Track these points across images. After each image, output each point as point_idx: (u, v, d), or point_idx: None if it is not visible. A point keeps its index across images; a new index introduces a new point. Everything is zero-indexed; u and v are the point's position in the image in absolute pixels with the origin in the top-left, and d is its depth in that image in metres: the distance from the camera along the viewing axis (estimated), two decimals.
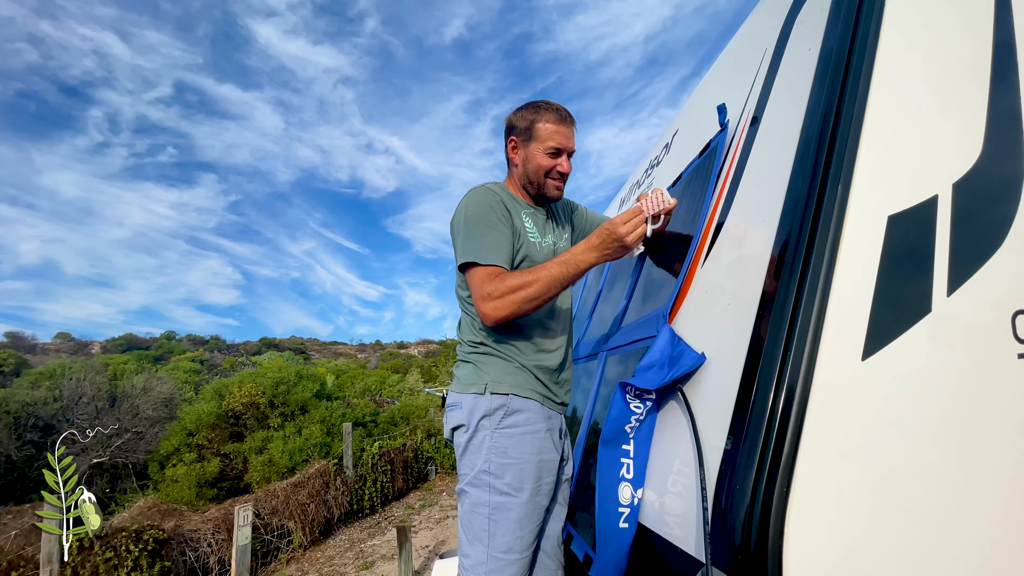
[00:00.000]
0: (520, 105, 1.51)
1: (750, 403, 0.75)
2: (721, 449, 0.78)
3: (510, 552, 1.22)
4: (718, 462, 0.78)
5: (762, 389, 0.74)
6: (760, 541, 0.65)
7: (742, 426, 0.75)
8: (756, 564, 0.65)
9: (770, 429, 0.70)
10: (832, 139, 0.87)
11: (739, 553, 0.66)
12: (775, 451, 0.69)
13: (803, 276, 0.78)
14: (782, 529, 0.66)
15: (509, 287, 1.25)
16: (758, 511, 0.66)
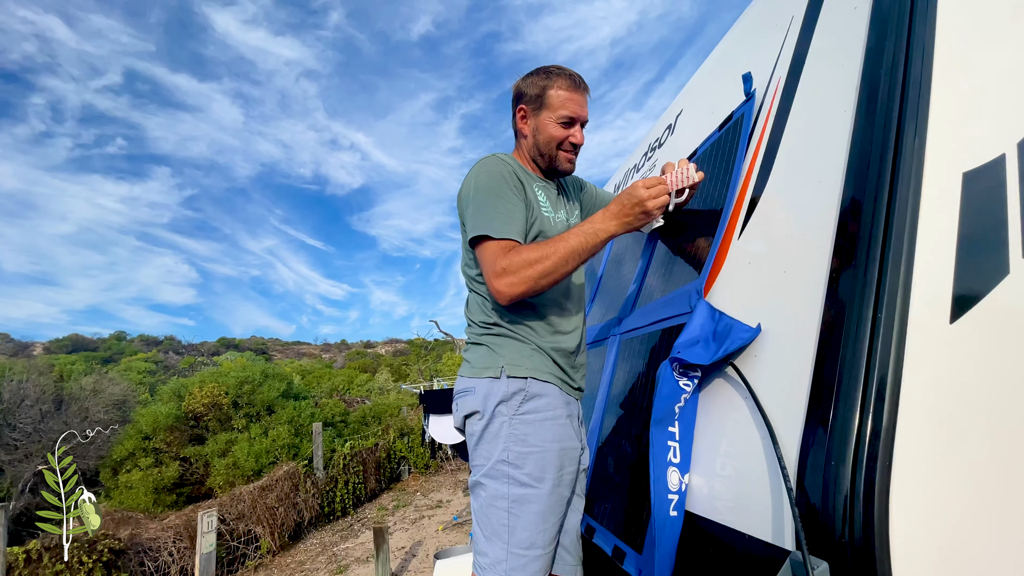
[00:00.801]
0: (529, 71, 1.42)
1: (836, 377, 0.68)
2: (800, 428, 0.71)
3: (532, 548, 1.12)
4: (797, 442, 0.71)
5: (850, 361, 0.67)
6: (866, 523, 0.58)
7: (828, 402, 0.68)
8: (862, 548, 0.58)
9: (865, 403, 0.64)
10: (903, 95, 0.82)
11: (842, 537, 0.59)
12: (873, 426, 0.62)
13: (885, 238, 0.71)
14: (887, 509, 0.59)
15: (525, 261, 1.15)
16: (861, 491, 0.59)
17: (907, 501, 0.60)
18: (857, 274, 0.72)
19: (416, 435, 9.84)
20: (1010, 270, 0.74)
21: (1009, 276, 0.74)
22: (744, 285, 1.01)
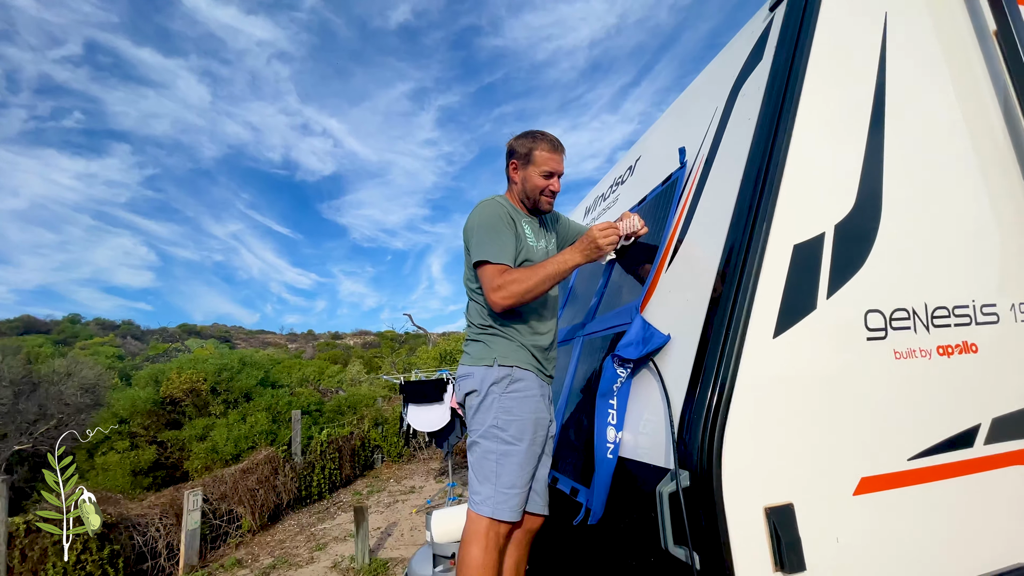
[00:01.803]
0: (520, 133, 1.85)
1: (702, 368, 1.13)
2: (681, 400, 1.16)
3: (513, 488, 1.56)
4: (679, 409, 1.16)
5: (711, 358, 1.13)
6: (709, 452, 1.03)
7: (696, 384, 1.13)
8: (707, 463, 1.03)
9: (715, 384, 1.09)
10: (762, 189, 1.28)
11: (699, 461, 1.05)
12: (720, 399, 1.08)
13: (740, 282, 1.17)
14: (722, 445, 1.04)
15: (514, 280, 1.59)
16: (710, 434, 1.05)
17: (733, 441, 1.06)
18: (722, 303, 1.18)
19: (390, 425, 10.17)
20: (817, 307, 1.21)
21: (816, 310, 1.21)
22: (666, 306, 1.46)
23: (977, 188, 1.47)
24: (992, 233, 1.45)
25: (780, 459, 1.09)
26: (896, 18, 1.54)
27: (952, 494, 1.21)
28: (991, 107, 1.59)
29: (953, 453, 1.24)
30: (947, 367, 1.29)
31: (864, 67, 1.46)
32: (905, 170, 1.39)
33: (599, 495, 1.33)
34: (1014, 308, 1.41)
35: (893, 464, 1.17)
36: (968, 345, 1.32)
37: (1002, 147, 1.55)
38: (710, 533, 1.01)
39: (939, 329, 1.30)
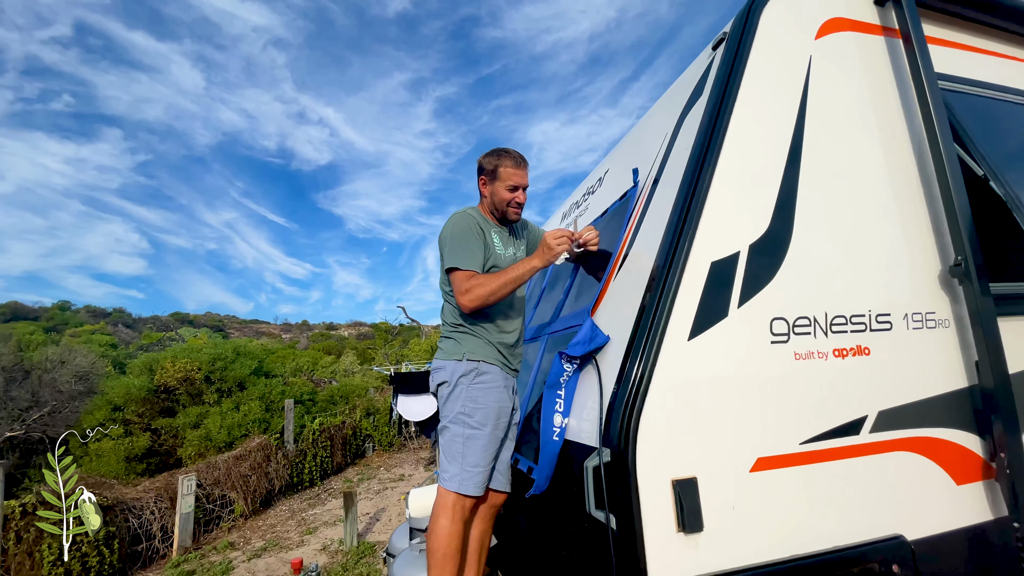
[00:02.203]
0: (488, 151, 2.06)
1: (627, 365, 1.36)
2: (611, 391, 1.39)
3: (477, 466, 1.79)
4: (609, 398, 1.39)
5: (633, 355, 1.35)
6: (625, 435, 1.26)
7: (622, 378, 1.36)
8: (624, 442, 1.26)
9: (637, 378, 1.32)
10: (688, 210, 1.50)
11: (618, 440, 1.27)
12: (638, 390, 1.30)
13: (663, 292, 1.40)
14: (638, 428, 1.27)
15: (480, 284, 1.81)
16: (627, 421, 1.27)
17: (648, 425, 1.28)
18: (647, 309, 1.40)
19: (382, 415, 10.41)
20: (728, 314, 1.44)
21: (727, 318, 1.43)
22: (610, 311, 1.69)
23: (881, 216, 1.70)
24: (892, 255, 1.68)
25: (688, 441, 1.32)
26: (819, 62, 1.76)
27: (839, 473, 1.45)
28: (903, 145, 1.82)
29: (841, 439, 1.47)
30: (841, 367, 1.52)
31: (786, 107, 1.68)
32: (816, 198, 1.62)
33: (543, 471, 1.56)
34: (906, 317, 1.64)
35: (786, 447, 1.40)
36: (862, 348, 1.56)
37: (910, 181, 1.78)
38: (624, 500, 1.24)
39: (836, 335, 1.54)
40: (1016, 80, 2.16)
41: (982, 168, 1.87)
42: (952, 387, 1.65)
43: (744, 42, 1.72)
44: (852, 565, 1.39)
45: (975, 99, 2.01)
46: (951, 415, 1.63)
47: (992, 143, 1.93)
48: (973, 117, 1.96)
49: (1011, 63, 2.20)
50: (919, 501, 1.53)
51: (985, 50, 2.16)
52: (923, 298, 1.69)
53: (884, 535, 1.46)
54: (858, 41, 1.89)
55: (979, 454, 1.63)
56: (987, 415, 1.63)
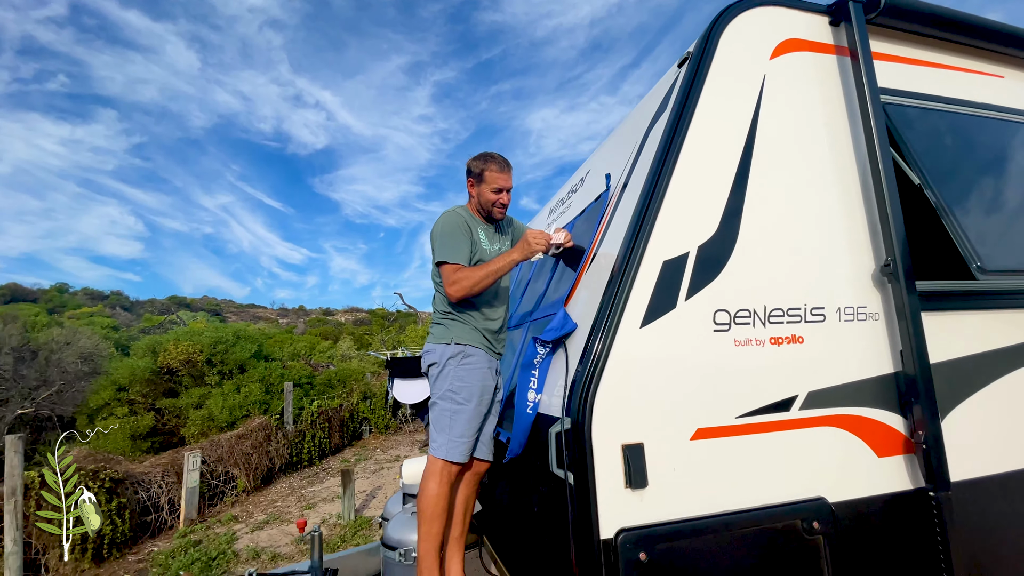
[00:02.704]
0: (475, 155, 2.26)
1: (588, 348, 1.59)
2: (574, 370, 1.62)
3: (462, 437, 2.02)
4: (571, 376, 1.62)
5: (593, 339, 1.58)
6: (583, 406, 1.50)
7: (584, 360, 1.59)
8: (581, 412, 1.49)
9: (595, 359, 1.55)
10: (646, 214, 1.72)
11: (577, 411, 1.51)
12: (596, 369, 1.53)
13: (620, 284, 1.62)
14: (594, 401, 1.50)
15: (465, 276, 2.03)
16: (585, 395, 1.51)
17: (602, 399, 1.52)
18: (606, 300, 1.63)
19: (378, 399, 10.69)
20: (676, 306, 1.66)
21: (675, 309, 1.66)
22: (580, 302, 1.91)
23: (822, 220, 1.92)
24: (829, 255, 1.90)
25: (637, 412, 1.55)
26: (772, 81, 1.97)
27: (769, 443, 1.69)
28: (847, 155, 2.03)
29: (773, 415, 1.71)
30: (777, 353, 1.75)
31: (738, 123, 1.89)
32: (761, 205, 1.83)
33: (517, 438, 1.80)
34: (839, 311, 1.87)
35: (723, 420, 1.64)
36: (796, 337, 1.79)
37: (850, 189, 2.00)
38: (581, 461, 1.48)
39: (774, 324, 1.77)
40: (962, 91, 2.36)
41: (918, 177, 2.09)
42: (878, 372, 1.88)
43: (703, 62, 1.92)
44: (777, 521, 1.64)
45: (917, 111, 2.21)
46: (876, 397, 1.86)
47: (929, 152, 2.14)
48: (914, 128, 2.17)
49: (959, 74, 2.40)
50: (842, 469, 1.77)
51: (933, 63, 2.36)
52: (856, 294, 1.91)
53: (808, 497, 1.70)
54: (812, 60, 2.09)
55: (900, 431, 1.87)
56: (909, 398, 1.86)
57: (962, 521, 1.77)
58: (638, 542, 1.45)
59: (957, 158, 2.21)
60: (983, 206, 2.12)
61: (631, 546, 1.44)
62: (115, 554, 5.12)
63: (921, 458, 1.82)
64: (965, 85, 2.37)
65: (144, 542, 5.52)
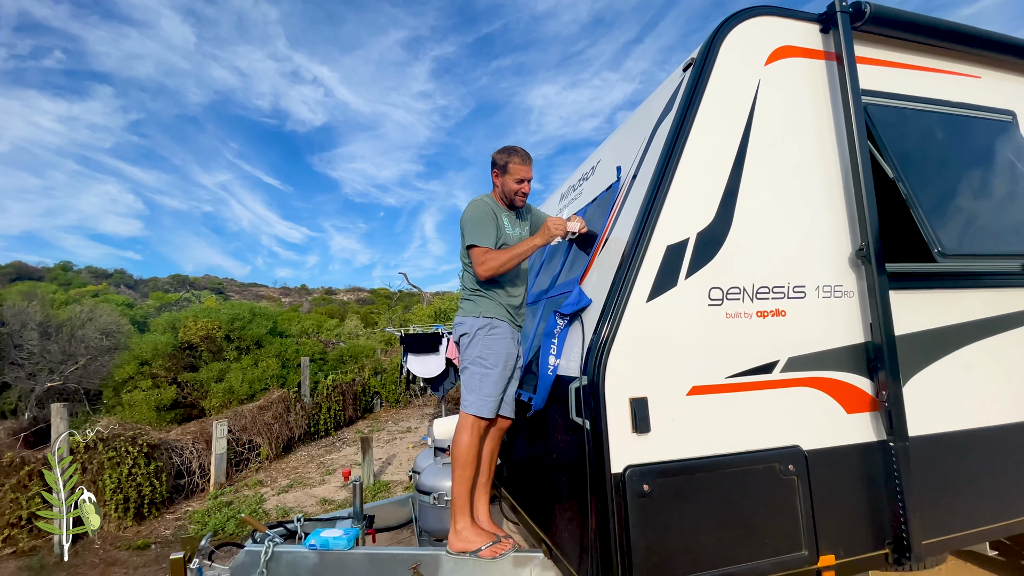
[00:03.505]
0: (500, 148, 2.52)
1: (602, 319, 1.89)
2: (589, 337, 1.93)
3: (489, 396, 2.34)
4: (589, 341, 1.92)
5: (606, 312, 1.88)
6: (598, 366, 1.80)
7: (598, 329, 1.89)
8: (596, 372, 1.80)
9: (608, 328, 1.85)
10: (653, 204, 2.00)
11: (592, 370, 1.82)
12: (608, 337, 1.84)
13: (630, 265, 1.91)
14: (607, 362, 1.81)
15: (492, 258, 2.32)
16: (600, 357, 1.81)
17: (614, 361, 1.82)
18: (617, 279, 1.92)
19: (389, 374, 11.09)
20: (677, 284, 1.96)
21: (676, 286, 1.95)
22: (594, 281, 2.21)
23: (806, 210, 2.20)
24: (811, 241, 2.19)
25: (642, 372, 1.86)
26: (766, 85, 2.23)
27: (753, 399, 2.00)
28: (831, 152, 2.29)
29: (758, 376, 2.02)
30: (762, 324, 2.05)
31: (735, 123, 2.15)
32: (753, 196, 2.11)
33: (541, 395, 2.12)
34: (818, 288, 2.16)
35: (715, 379, 1.95)
36: (779, 311, 2.09)
37: (832, 182, 2.27)
38: (595, 410, 1.80)
39: (760, 300, 2.06)
40: (940, 91, 2.60)
41: (893, 171, 2.35)
42: (850, 342, 2.18)
43: (705, 68, 2.18)
44: (759, 463, 1.96)
45: (896, 111, 2.47)
46: (847, 362, 2.16)
47: (903, 148, 2.40)
48: (891, 126, 2.42)
49: (938, 76, 2.64)
50: (815, 423, 2.08)
51: (914, 66, 2.60)
52: (833, 274, 2.20)
53: (786, 444, 2.02)
54: (802, 65, 2.34)
55: (867, 392, 2.18)
56: (876, 364, 2.16)
57: (917, 469, 2.09)
58: (642, 476, 1.78)
59: (927, 153, 2.47)
60: (946, 196, 2.39)
61: (636, 479, 1.77)
62: (154, 513, 5.54)
63: (884, 415, 2.13)
64: (943, 85, 2.62)
65: (179, 503, 5.95)
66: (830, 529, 2.00)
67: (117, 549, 4.80)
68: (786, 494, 1.97)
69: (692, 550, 1.83)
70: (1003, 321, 2.41)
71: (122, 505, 5.29)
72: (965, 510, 2.24)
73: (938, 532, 2.15)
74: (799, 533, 1.95)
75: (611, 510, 1.77)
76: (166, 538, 5.01)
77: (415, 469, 3.03)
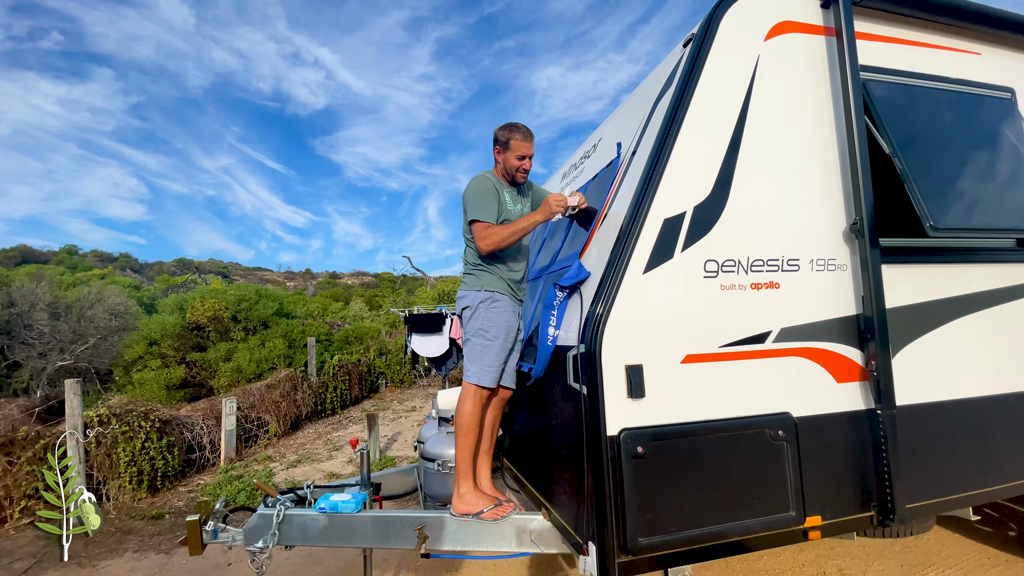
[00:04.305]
0: (503, 124, 2.56)
1: (599, 290, 1.96)
2: (588, 308, 2.00)
3: (491, 367, 2.43)
4: (587, 311, 1.99)
5: (603, 283, 1.95)
6: (595, 335, 1.88)
7: (595, 300, 1.96)
8: (594, 340, 1.87)
9: (604, 299, 1.92)
10: (651, 179, 2.05)
11: (590, 339, 1.89)
12: (605, 308, 1.90)
13: (628, 238, 1.97)
14: (604, 330, 1.88)
15: (493, 233, 2.38)
16: (597, 326, 1.88)
17: (611, 329, 1.89)
18: (615, 251, 1.98)
19: (393, 355, 11.23)
20: (673, 256, 2.02)
21: (672, 258, 2.01)
22: (593, 255, 2.27)
23: (802, 185, 2.24)
24: (807, 215, 2.24)
25: (637, 340, 1.93)
26: (765, 61, 2.25)
27: (745, 368, 2.07)
28: (828, 128, 2.32)
29: (750, 346, 2.08)
30: (756, 296, 2.11)
31: (733, 99, 2.19)
32: (749, 171, 2.16)
33: (540, 364, 2.21)
34: (812, 262, 2.22)
35: (708, 348, 2.02)
36: (773, 283, 2.15)
37: (828, 157, 2.30)
38: (593, 376, 1.87)
39: (755, 272, 2.12)
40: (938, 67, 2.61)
41: (889, 146, 2.38)
42: (842, 314, 2.24)
43: (705, 44, 2.21)
44: (749, 429, 2.04)
45: (893, 86, 2.49)
46: (838, 333, 2.23)
47: (899, 124, 2.42)
48: (889, 102, 2.45)
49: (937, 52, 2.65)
50: (805, 391, 2.16)
51: (913, 41, 2.61)
52: (828, 248, 2.25)
53: (776, 411, 2.09)
54: (802, 40, 2.36)
55: (857, 362, 2.24)
56: (866, 335, 2.23)
57: (903, 436, 2.17)
58: (636, 438, 1.86)
59: (924, 129, 2.50)
60: (941, 172, 2.43)
61: (630, 441, 1.85)
62: (167, 485, 5.71)
63: (873, 384, 2.20)
64: (943, 61, 2.63)
65: (191, 476, 6.12)
66: (817, 492, 2.09)
67: (132, 519, 4.97)
68: (775, 458, 2.05)
69: (684, 509, 1.92)
70: (992, 296, 2.46)
71: (136, 478, 5.45)
72: (948, 476, 2.33)
73: (922, 496, 2.24)
74: (787, 495, 2.04)
75: (606, 471, 1.86)
76: (179, 509, 5.18)
77: (420, 439, 3.13)
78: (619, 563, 1.83)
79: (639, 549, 1.83)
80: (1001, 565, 3.14)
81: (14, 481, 4.91)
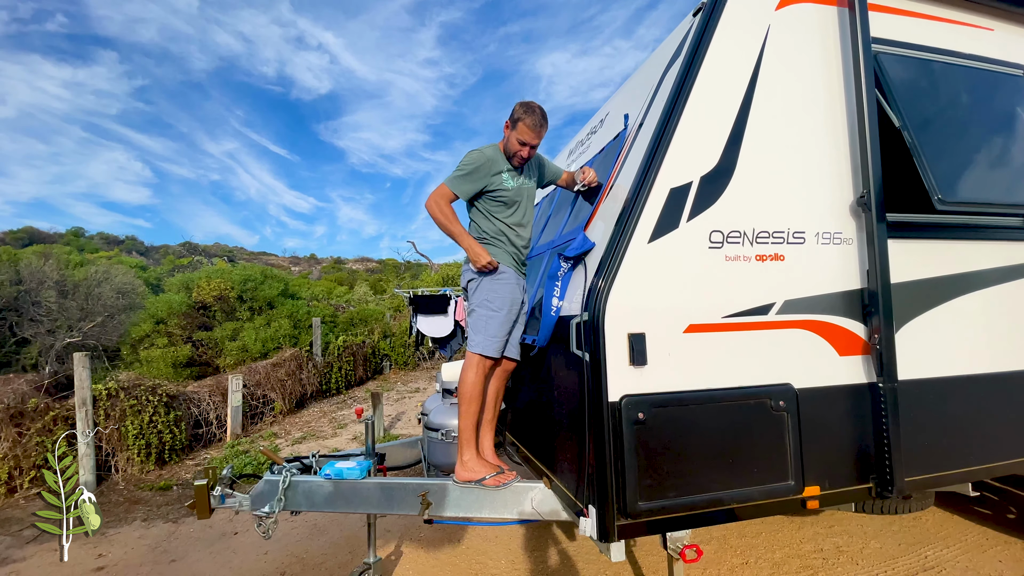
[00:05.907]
0: (525, 101, 2.51)
1: (604, 260, 1.96)
2: (591, 279, 2.00)
3: (495, 337, 2.44)
4: (591, 280, 2.00)
5: (608, 252, 1.95)
6: (599, 303, 1.89)
7: (600, 272, 1.96)
8: (597, 307, 1.89)
9: (609, 268, 1.92)
10: (658, 149, 2.04)
11: (593, 307, 1.90)
12: (609, 275, 1.91)
13: (633, 207, 1.97)
14: (608, 298, 1.89)
15: (440, 209, 2.40)
16: (601, 293, 1.89)
17: (614, 297, 1.90)
18: (621, 220, 1.98)
19: (398, 337, 11.29)
20: (679, 226, 2.02)
21: (678, 228, 2.01)
22: (600, 226, 2.27)
23: (810, 157, 2.23)
24: (814, 187, 2.22)
25: (641, 308, 1.94)
26: (775, 31, 2.23)
27: (748, 339, 2.08)
28: (837, 99, 2.30)
29: (754, 317, 2.09)
30: (760, 268, 2.11)
31: (742, 69, 2.17)
32: (757, 142, 2.14)
33: (544, 333, 2.22)
34: (817, 235, 2.21)
35: (711, 318, 2.03)
36: (778, 255, 2.14)
37: (837, 130, 2.28)
38: (595, 344, 1.89)
39: (760, 244, 2.12)
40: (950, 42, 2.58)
41: (899, 120, 2.36)
42: (846, 288, 2.24)
43: (715, 13, 2.18)
44: (750, 399, 2.05)
45: (905, 59, 2.45)
46: (842, 307, 2.23)
47: (910, 97, 2.40)
48: (900, 75, 2.42)
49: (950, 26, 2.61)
50: (808, 363, 2.16)
51: (927, 15, 2.57)
52: (834, 221, 2.24)
53: (777, 382, 2.11)
54: (813, 10, 2.33)
55: (860, 336, 2.25)
56: (870, 309, 2.23)
57: (904, 410, 2.18)
58: (637, 405, 1.88)
59: (935, 104, 2.47)
60: (950, 147, 2.40)
61: (632, 407, 1.87)
62: (175, 458, 5.80)
63: (876, 358, 2.21)
64: (955, 36, 2.59)
65: (198, 450, 6.22)
66: (817, 462, 2.11)
67: (140, 490, 5.07)
68: (776, 428, 2.07)
69: (683, 475, 1.95)
70: (997, 274, 2.45)
71: (144, 450, 5.54)
72: (948, 451, 2.34)
73: (921, 470, 2.26)
74: (787, 464, 2.06)
75: (607, 437, 1.88)
76: (187, 480, 5.27)
77: (424, 411, 3.17)
78: (618, 525, 1.87)
79: (638, 513, 1.86)
80: (1000, 545, 3.17)
81: (24, 452, 5.00)
